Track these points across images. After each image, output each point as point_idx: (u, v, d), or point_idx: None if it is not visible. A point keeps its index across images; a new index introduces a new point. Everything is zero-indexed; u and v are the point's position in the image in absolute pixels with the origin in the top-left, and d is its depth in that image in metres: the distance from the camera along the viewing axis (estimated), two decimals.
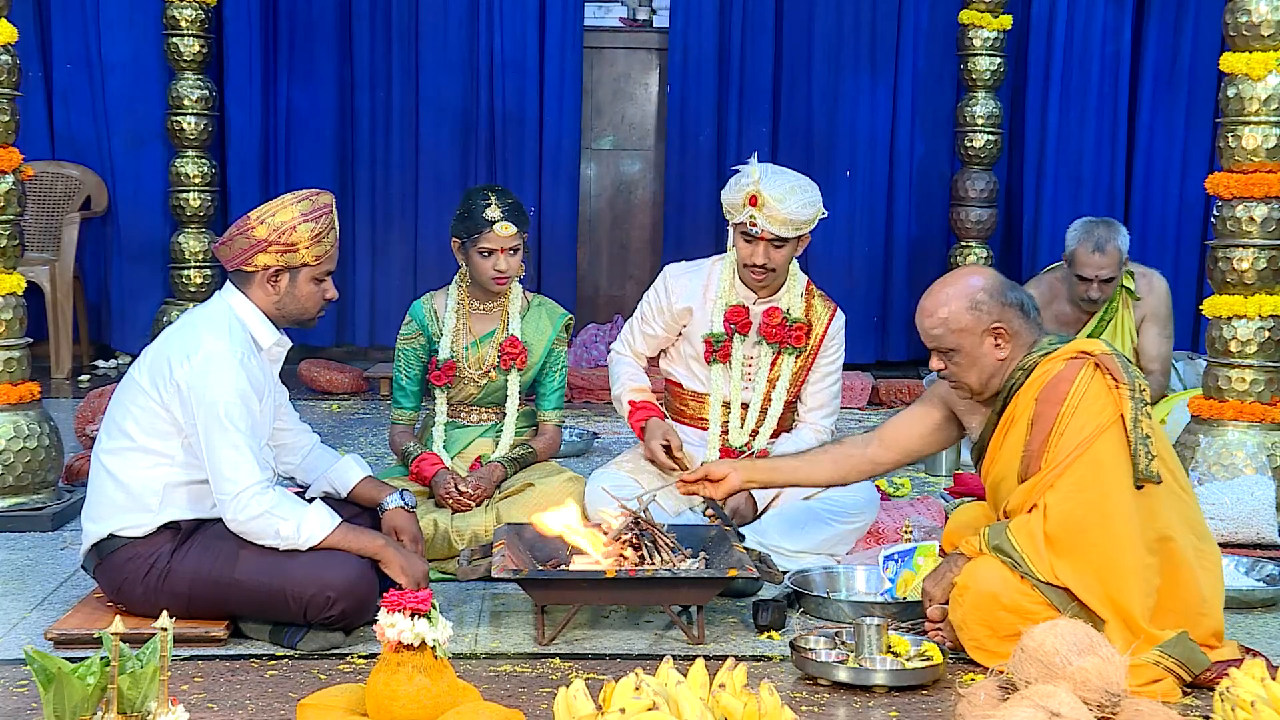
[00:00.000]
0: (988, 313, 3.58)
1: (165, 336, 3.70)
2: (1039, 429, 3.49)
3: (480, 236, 4.44)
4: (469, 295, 4.61)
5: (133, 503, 3.60)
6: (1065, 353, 3.55)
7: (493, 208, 4.45)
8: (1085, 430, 3.42)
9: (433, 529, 4.29)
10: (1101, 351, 3.52)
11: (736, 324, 4.51)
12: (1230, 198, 4.97)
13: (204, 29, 7.69)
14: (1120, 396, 3.44)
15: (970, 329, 3.58)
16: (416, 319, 4.60)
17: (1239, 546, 4.52)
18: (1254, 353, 4.97)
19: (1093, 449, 3.41)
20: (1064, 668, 2.92)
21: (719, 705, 2.82)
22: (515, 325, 4.59)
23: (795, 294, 4.57)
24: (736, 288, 4.55)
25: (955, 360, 3.62)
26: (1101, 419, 3.43)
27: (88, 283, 8.10)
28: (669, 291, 4.58)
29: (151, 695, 2.50)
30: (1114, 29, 8.20)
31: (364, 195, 8.20)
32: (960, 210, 8.12)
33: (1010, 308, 3.60)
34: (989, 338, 3.59)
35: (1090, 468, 3.40)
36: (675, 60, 8.21)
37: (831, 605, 3.89)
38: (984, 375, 3.62)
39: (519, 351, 4.56)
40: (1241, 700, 2.88)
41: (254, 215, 3.66)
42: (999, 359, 3.60)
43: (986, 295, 3.59)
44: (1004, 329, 3.58)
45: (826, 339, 4.59)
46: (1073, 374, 3.48)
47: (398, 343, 4.63)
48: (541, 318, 4.64)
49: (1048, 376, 3.51)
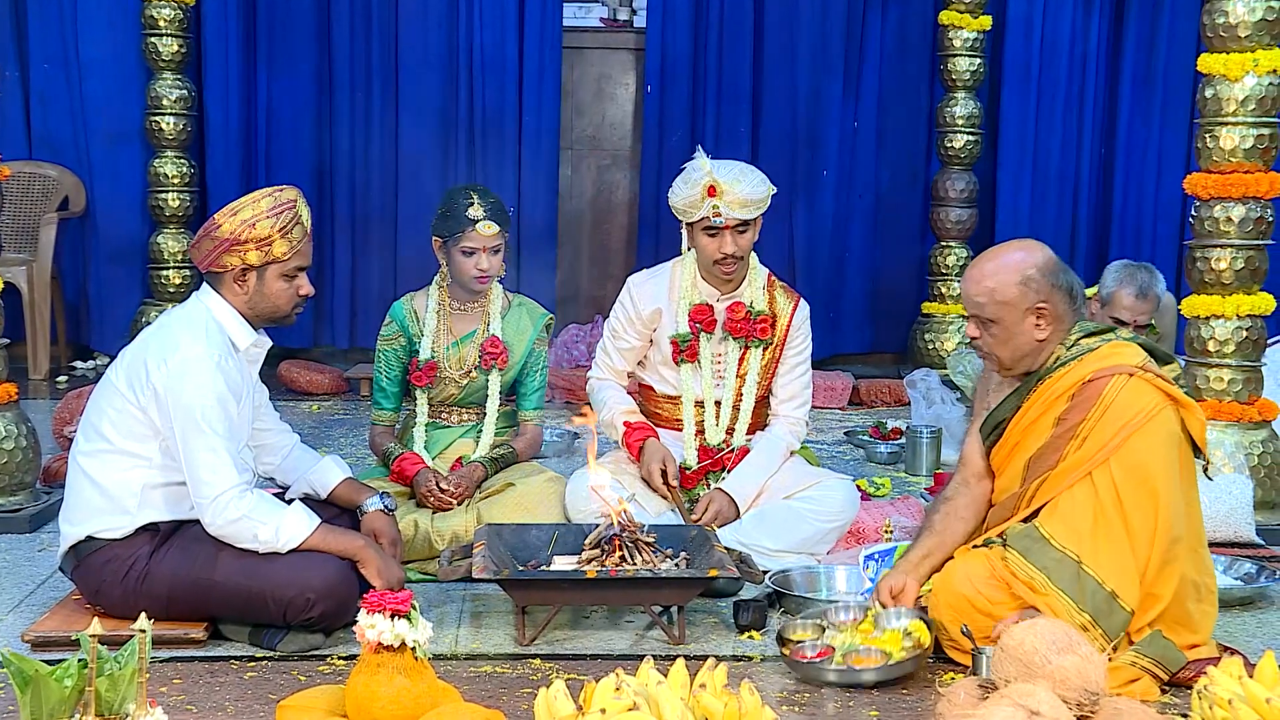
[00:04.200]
0: (1035, 291, 3.51)
1: (142, 339, 3.69)
2: (1067, 422, 3.48)
3: (463, 235, 4.44)
4: (450, 295, 4.60)
5: (111, 505, 3.59)
6: (1105, 355, 3.51)
7: (475, 206, 4.44)
8: (1127, 415, 3.41)
9: (413, 530, 4.29)
10: (1140, 365, 3.49)
11: (701, 323, 4.53)
12: (1208, 198, 4.98)
13: (183, 29, 7.67)
14: (1167, 386, 3.46)
15: (1014, 304, 3.51)
16: (397, 319, 4.60)
17: (1217, 545, 4.53)
18: (1231, 352, 4.99)
19: (1141, 432, 3.40)
20: (1043, 666, 2.93)
21: (700, 705, 2.82)
22: (496, 325, 4.59)
23: (757, 287, 4.58)
24: (699, 287, 4.56)
25: (992, 331, 3.56)
26: (1146, 405, 3.42)
27: (66, 283, 8.06)
28: (635, 300, 4.60)
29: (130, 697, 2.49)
30: (1092, 30, 8.24)
31: (343, 196, 8.19)
32: (940, 210, 8.14)
33: (1059, 290, 3.53)
34: (1031, 316, 3.52)
35: (1142, 445, 3.40)
36: (653, 60, 8.21)
37: (812, 605, 3.90)
38: (1018, 352, 3.56)
39: (500, 352, 4.55)
40: (1219, 698, 2.89)
41: (219, 215, 3.65)
42: (1037, 339, 3.54)
43: (1038, 273, 3.52)
44: (1048, 310, 3.52)
45: (792, 330, 4.60)
46: (1108, 380, 3.47)
47: (378, 343, 4.62)
48: (522, 318, 4.64)
49: (1085, 376, 3.48)
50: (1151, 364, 3.52)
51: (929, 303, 8.22)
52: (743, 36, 8.21)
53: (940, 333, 8.09)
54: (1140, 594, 3.38)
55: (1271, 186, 4.93)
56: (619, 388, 4.66)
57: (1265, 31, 4.89)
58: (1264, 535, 4.79)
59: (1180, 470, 3.47)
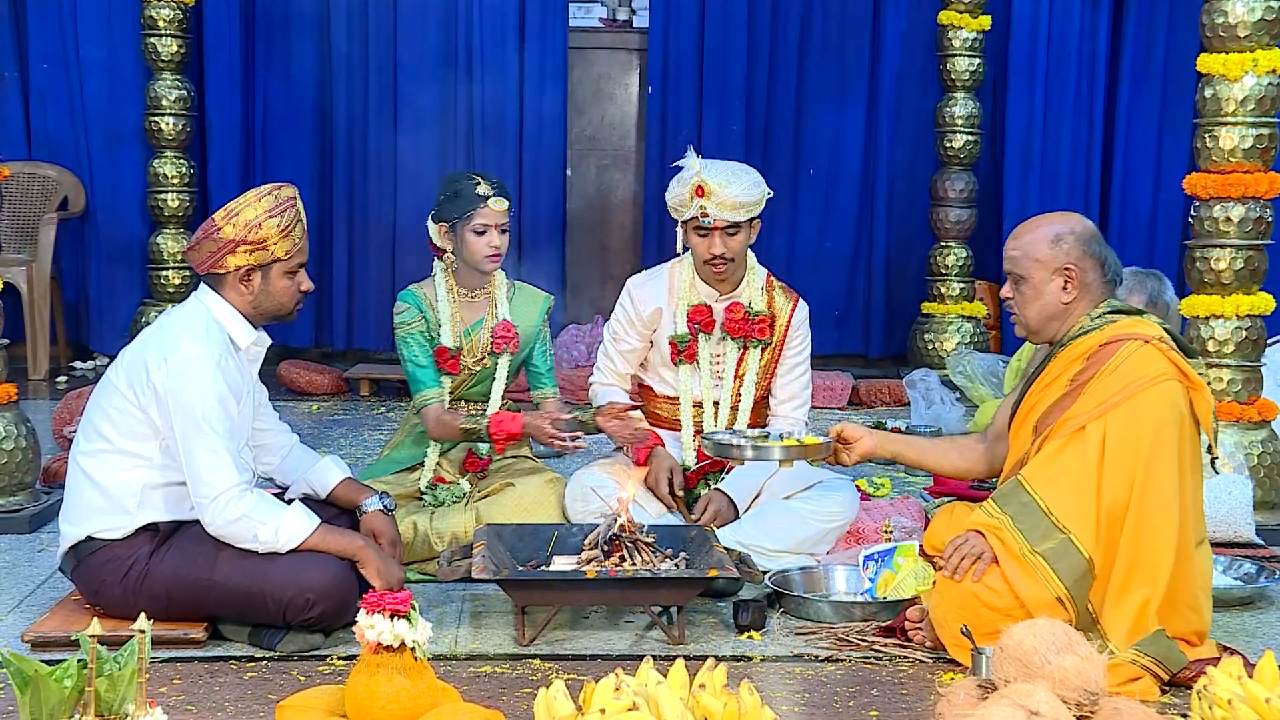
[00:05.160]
0: (1065, 253, 3.62)
1: (142, 339, 3.69)
2: (1077, 381, 3.55)
3: (474, 214, 4.41)
4: (458, 282, 4.58)
5: (110, 505, 3.59)
6: (1126, 325, 3.59)
7: (482, 185, 4.44)
8: (1134, 377, 3.47)
9: (412, 532, 4.28)
10: (1159, 336, 3.57)
11: (700, 323, 4.53)
12: (1208, 198, 4.99)
13: (182, 29, 7.67)
14: (1179, 359, 3.51)
15: (1044, 262, 3.63)
16: (413, 304, 4.51)
17: (1217, 545, 4.53)
18: (1231, 352, 4.99)
19: (1145, 394, 3.46)
20: (1043, 666, 2.92)
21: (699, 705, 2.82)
22: (504, 309, 4.57)
23: (756, 287, 4.58)
24: (697, 287, 4.56)
25: (1021, 289, 3.67)
26: (1154, 372, 3.48)
27: (65, 283, 8.07)
28: (635, 301, 4.60)
29: (129, 697, 2.49)
30: (1092, 29, 8.24)
31: (342, 196, 8.18)
32: (940, 210, 8.14)
33: (1090, 257, 3.64)
34: (1058, 277, 3.62)
35: (1136, 409, 3.45)
36: (654, 61, 8.21)
37: (812, 605, 3.90)
38: (1044, 314, 3.66)
39: (511, 335, 4.53)
40: (1219, 698, 2.89)
41: (219, 217, 3.64)
42: (1063, 302, 3.64)
43: (1072, 237, 3.64)
44: (1074, 273, 3.62)
45: (791, 329, 4.60)
46: (1122, 344, 3.54)
47: (399, 332, 4.51)
48: (526, 301, 4.64)
49: (1102, 340, 3.56)
50: (1170, 343, 3.57)
51: (929, 303, 8.22)
52: (743, 37, 8.21)
53: (940, 333, 8.08)
54: (1116, 561, 3.42)
55: (1271, 186, 4.93)
56: (622, 392, 4.66)
57: (1265, 31, 4.90)
58: (1264, 535, 4.78)
59: (1181, 450, 3.48)
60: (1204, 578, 3.55)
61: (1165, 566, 3.42)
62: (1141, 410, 3.45)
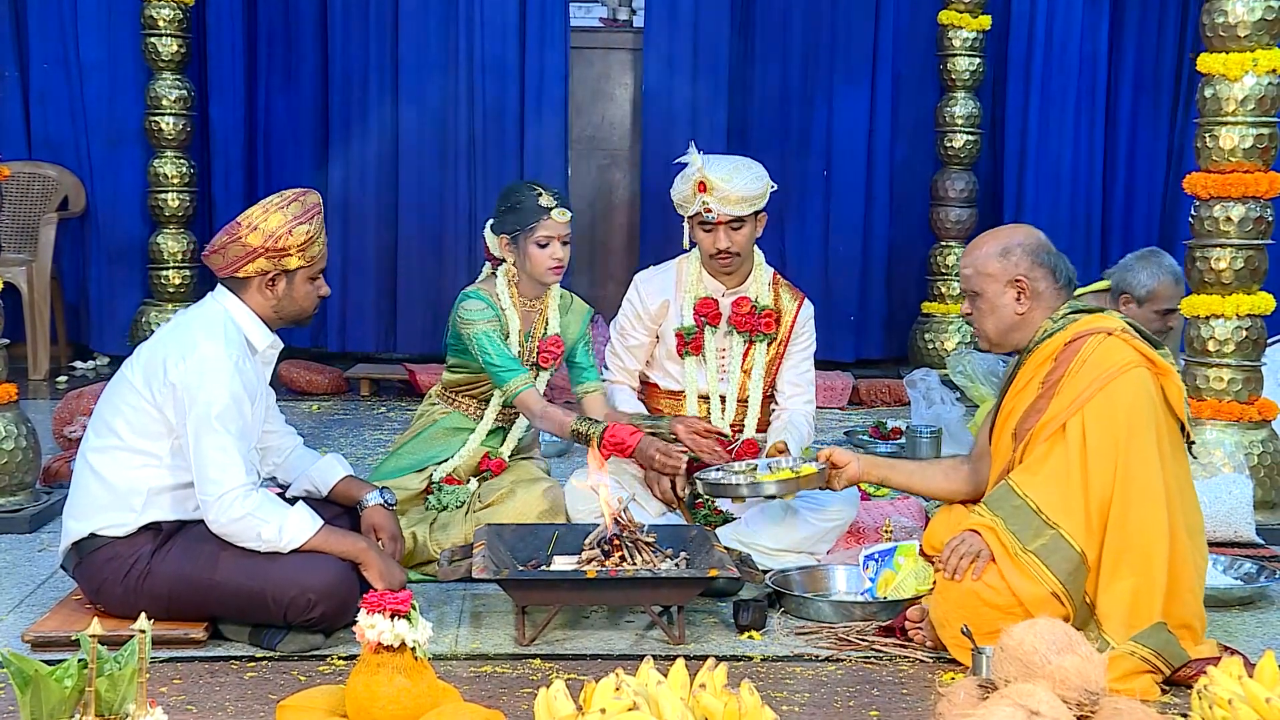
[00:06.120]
0: (1015, 264, 3.68)
1: (159, 337, 3.69)
2: (1049, 380, 3.59)
3: (538, 226, 4.37)
4: (519, 291, 4.51)
5: (116, 502, 3.59)
6: (1088, 321, 3.63)
7: (545, 196, 4.39)
8: (1102, 369, 3.51)
9: (413, 542, 4.27)
10: (1121, 328, 3.60)
11: (706, 316, 4.53)
12: (1208, 197, 4.99)
13: (182, 29, 7.67)
14: (1144, 348, 3.55)
15: (995, 276, 3.69)
16: (486, 302, 4.43)
17: (1217, 545, 4.53)
18: (1231, 352, 4.99)
19: (1115, 383, 3.49)
20: (1043, 666, 2.92)
21: (699, 705, 2.82)
22: (555, 323, 4.56)
23: (763, 283, 4.59)
24: (704, 280, 4.57)
25: (977, 305, 3.74)
26: (1121, 361, 3.52)
27: (65, 283, 8.07)
28: (643, 295, 4.60)
29: (130, 697, 2.49)
30: (1092, 30, 8.24)
31: (341, 197, 8.16)
32: (940, 210, 8.14)
33: (1040, 266, 3.68)
34: (1011, 289, 3.68)
35: (1109, 398, 3.49)
36: (652, 60, 8.20)
37: (812, 605, 3.90)
38: (1001, 326, 3.71)
39: (559, 352, 4.53)
40: (1219, 698, 2.89)
41: (244, 222, 3.63)
42: (1018, 313, 3.68)
43: (1020, 249, 3.69)
44: (1026, 283, 3.66)
45: (796, 327, 4.61)
46: (1086, 339, 3.58)
47: (474, 328, 4.37)
48: (573, 314, 4.63)
49: (1067, 338, 3.60)
50: (1134, 333, 3.60)
51: (929, 303, 8.22)
52: (742, 36, 8.20)
53: (940, 333, 8.09)
54: (1107, 550, 3.43)
55: (1271, 186, 4.93)
56: (630, 392, 4.65)
57: (1265, 31, 4.90)
58: (1264, 535, 4.79)
59: (1159, 435, 3.50)
60: (1199, 566, 3.55)
61: (1158, 553, 3.42)
62: (1114, 399, 3.49)
